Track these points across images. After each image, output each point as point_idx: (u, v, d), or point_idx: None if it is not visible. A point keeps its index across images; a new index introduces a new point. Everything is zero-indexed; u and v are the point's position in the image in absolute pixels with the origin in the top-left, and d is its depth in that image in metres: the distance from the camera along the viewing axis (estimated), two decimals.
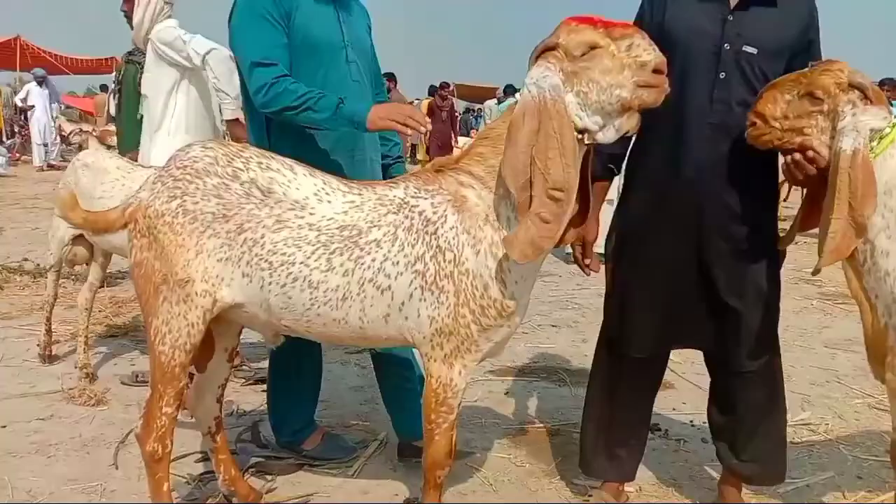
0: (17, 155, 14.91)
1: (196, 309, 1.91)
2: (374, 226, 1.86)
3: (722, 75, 2.05)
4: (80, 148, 3.84)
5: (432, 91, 13.56)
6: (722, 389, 2.30)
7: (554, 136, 1.72)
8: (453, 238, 1.83)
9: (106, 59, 19.09)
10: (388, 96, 2.84)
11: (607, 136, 1.79)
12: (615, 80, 1.71)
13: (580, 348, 4.18)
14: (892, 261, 1.87)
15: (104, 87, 18.62)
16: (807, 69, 1.93)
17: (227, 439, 2.32)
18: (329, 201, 1.89)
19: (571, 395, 3.44)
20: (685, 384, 3.58)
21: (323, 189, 1.91)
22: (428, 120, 2.12)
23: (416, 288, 1.84)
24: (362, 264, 1.84)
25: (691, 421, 3.15)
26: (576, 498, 2.51)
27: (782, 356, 2.30)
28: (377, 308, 1.86)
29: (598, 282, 6.08)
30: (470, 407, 3.22)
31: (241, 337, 3.60)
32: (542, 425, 3.08)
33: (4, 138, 16.84)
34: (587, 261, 2.28)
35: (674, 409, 3.27)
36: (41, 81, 13.88)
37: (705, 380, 2.41)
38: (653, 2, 2.14)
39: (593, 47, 1.71)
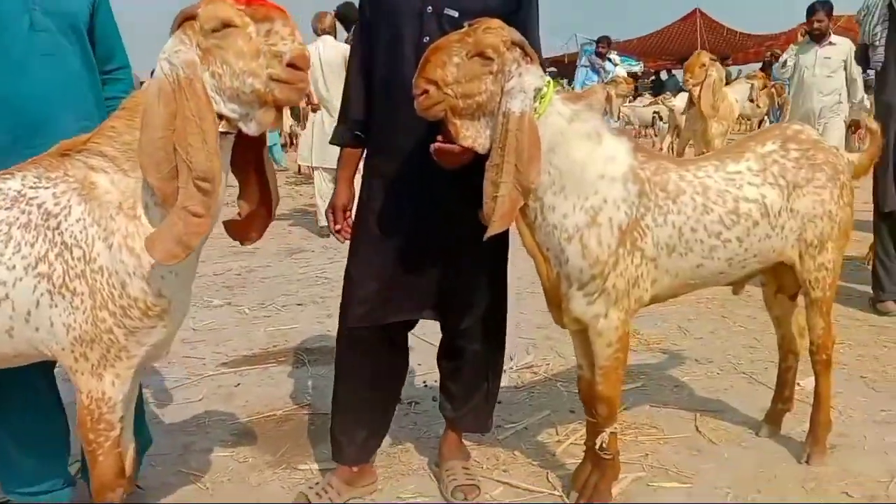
0: None
1: None
2: None
3: (426, 39, 1.97)
4: None
5: None
6: (449, 341, 2.32)
7: (193, 120, 1.51)
8: (80, 232, 1.58)
9: None
10: (132, 77, 2.28)
11: (250, 128, 1.59)
12: (248, 67, 1.50)
13: (324, 324, 4.08)
14: (558, 215, 1.93)
15: None
16: (466, 28, 1.85)
17: None
18: None
19: (309, 376, 3.33)
20: (422, 344, 3.61)
21: None
22: None
23: (42, 293, 1.58)
24: None
25: (424, 382, 3.19)
26: (301, 485, 2.39)
27: (517, 304, 2.34)
28: None
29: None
30: (191, 408, 2.99)
31: None
32: (272, 413, 2.93)
33: None
34: (337, 227, 2.24)
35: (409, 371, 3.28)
36: None
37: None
38: None
39: (228, 25, 1.50)
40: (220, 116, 1.56)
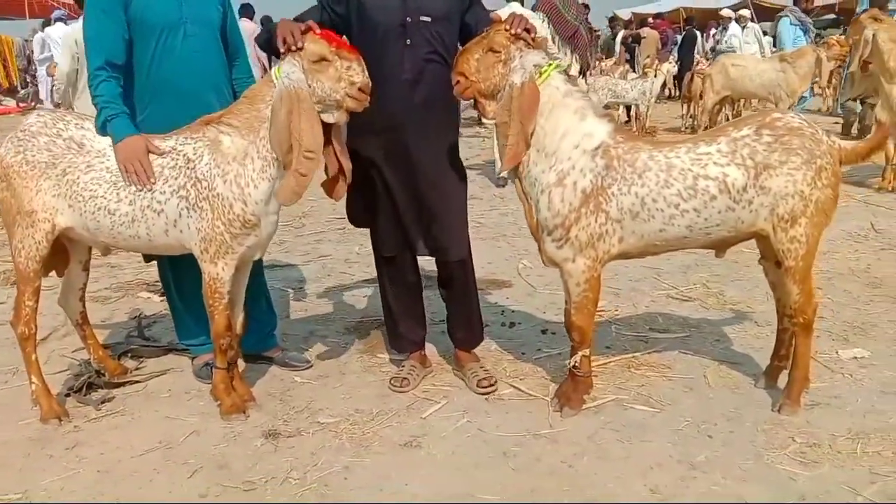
0: (32, 103, 15.71)
1: (40, 231, 2.65)
2: None
3: (408, 41, 2.70)
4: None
5: None
6: (444, 274, 3.04)
7: (305, 114, 2.43)
8: (207, 171, 2.54)
9: None
10: (250, 63, 3.19)
11: (329, 119, 2.51)
12: (333, 87, 2.45)
13: None
14: (538, 170, 2.53)
15: None
16: (483, 32, 2.55)
17: (92, 327, 3.11)
18: None
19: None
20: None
21: None
22: (152, 176, 2.53)
23: (183, 209, 2.56)
24: (141, 195, 2.56)
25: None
26: (391, 366, 3.24)
27: None
28: (157, 226, 2.59)
29: None
30: (328, 308, 4.00)
31: None
32: (378, 318, 3.78)
33: (20, 88, 17.82)
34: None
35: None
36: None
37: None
38: None
39: (323, 59, 2.43)
40: None
